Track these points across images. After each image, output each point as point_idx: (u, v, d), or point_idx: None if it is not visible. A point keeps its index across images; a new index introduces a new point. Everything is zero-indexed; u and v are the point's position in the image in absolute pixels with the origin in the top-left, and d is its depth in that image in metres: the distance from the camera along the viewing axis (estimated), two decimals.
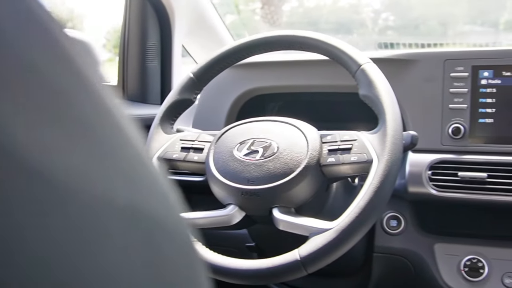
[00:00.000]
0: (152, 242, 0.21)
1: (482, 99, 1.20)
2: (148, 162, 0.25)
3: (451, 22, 9.20)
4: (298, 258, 0.91)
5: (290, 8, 10.16)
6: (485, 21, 9.16)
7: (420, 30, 9.16)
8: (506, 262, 1.20)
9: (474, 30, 8.99)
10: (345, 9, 9.93)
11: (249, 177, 1.00)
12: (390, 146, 0.93)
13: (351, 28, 9.76)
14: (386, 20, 10.07)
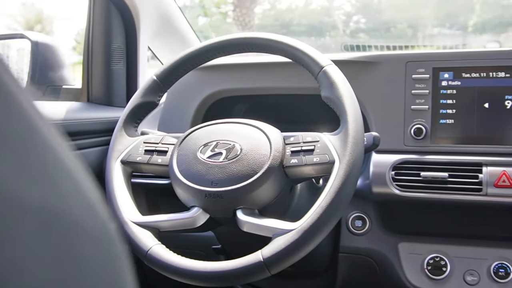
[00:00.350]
0: (68, 242, 0.21)
1: (443, 100, 1.22)
2: (69, 164, 0.25)
3: (421, 25, 9.33)
4: (261, 259, 0.92)
5: (262, 11, 10.18)
6: (453, 24, 9.32)
7: (391, 33, 9.28)
8: (468, 260, 1.23)
9: (443, 32, 9.15)
10: (317, 12, 10.03)
11: (212, 179, 1.00)
12: (351, 147, 0.94)
13: (323, 31, 9.83)
14: (358, 23, 10.12)
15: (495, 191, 1.15)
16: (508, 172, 1.14)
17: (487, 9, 9.04)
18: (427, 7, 9.86)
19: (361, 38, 10.15)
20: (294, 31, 9.24)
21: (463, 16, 9.35)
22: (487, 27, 9.00)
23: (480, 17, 8.99)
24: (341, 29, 8.59)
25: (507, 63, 1.18)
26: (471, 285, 1.21)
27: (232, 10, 7.10)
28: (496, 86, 1.19)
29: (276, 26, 9.57)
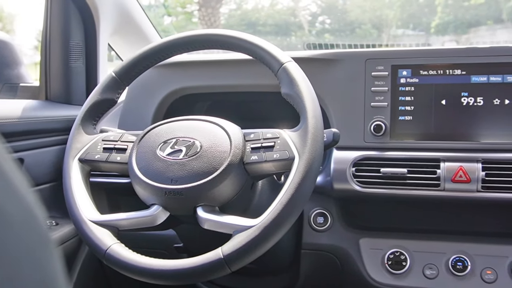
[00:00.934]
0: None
1: (402, 97, 1.24)
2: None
3: (385, 26, 9.48)
4: (221, 256, 0.91)
5: (228, 11, 10.17)
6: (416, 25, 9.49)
7: (356, 33, 9.39)
8: (427, 254, 1.25)
9: (406, 33, 9.33)
10: (283, 12, 10.09)
11: (172, 176, 0.99)
12: (310, 143, 0.94)
13: (289, 31, 9.88)
14: (323, 24, 10.22)
15: (452, 186, 1.17)
16: (464, 168, 1.17)
17: (449, 10, 9.23)
18: (391, 9, 10.03)
19: (326, 39, 10.26)
20: (260, 31, 9.26)
21: (426, 17, 9.54)
22: (449, 28, 9.20)
23: (442, 19, 9.18)
24: (306, 29, 8.65)
25: (463, 60, 1.21)
26: (430, 278, 1.23)
27: (197, 9, 7.06)
28: (452, 83, 1.21)
29: (243, 26, 9.57)
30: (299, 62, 1.15)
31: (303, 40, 8.91)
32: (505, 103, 1.18)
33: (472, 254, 1.22)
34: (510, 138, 1.18)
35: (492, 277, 1.20)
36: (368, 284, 1.25)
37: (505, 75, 1.19)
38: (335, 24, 9.39)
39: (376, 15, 9.02)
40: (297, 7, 9.23)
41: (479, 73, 1.20)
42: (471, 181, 1.16)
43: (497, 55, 1.20)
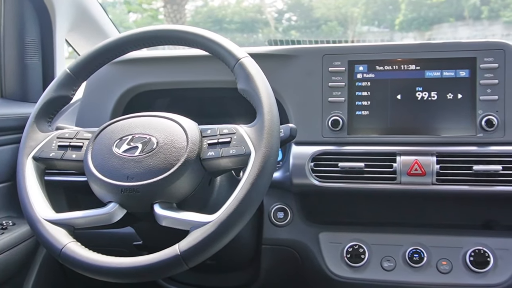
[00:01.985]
0: None
1: (358, 92, 1.25)
2: None
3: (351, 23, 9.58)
4: (178, 253, 0.91)
5: (194, 8, 10.12)
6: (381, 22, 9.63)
7: (322, 30, 9.47)
8: (385, 246, 1.27)
9: (371, 30, 9.45)
10: (249, 9, 10.09)
11: (128, 173, 0.98)
12: (266, 138, 0.95)
13: (255, 28, 9.91)
14: (289, 20, 10.29)
15: (408, 179, 1.19)
16: (419, 161, 1.19)
17: (412, 8, 9.38)
18: (356, 6, 10.14)
19: (293, 35, 10.32)
20: (226, 28, 9.25)
21: (390, 14, 9.69)
22: (412, 25, 9.35)
23: (406, 16, 9.33)
24: (272, 26, 8.68)
25: (417, 56, 1.23)
26: (387, 271, 1.25)
27: (163, 6, 7.01)
28: (407, 78, 1.23)
29: (209, 23, 9.55)
30: (257, 58, 1.15)
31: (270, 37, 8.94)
32: (458, 97, 1.21)
33: (428, 246, 1.25)
34: (463, 132, 1.20)
35: (448, 267, 1.22)
36: (328, 278, 1.27)
37: (458, 70, 1.21)
38: (301, 21, 9.46)
39: (342, 12, 9.12)
40: (263, 4, 9.25)
41: (433, 68, 1.22)
42: (426, 174, 1.19)
43: (450, 51, 1.22)
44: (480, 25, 9.33)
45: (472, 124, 1.20)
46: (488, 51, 1.20)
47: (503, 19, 8.96)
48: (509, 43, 1.20)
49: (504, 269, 1.20)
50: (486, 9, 9.26)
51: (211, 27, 9.18)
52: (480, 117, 1.19)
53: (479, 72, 1.20)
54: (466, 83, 1.21)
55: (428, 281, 1.23)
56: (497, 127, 1.18)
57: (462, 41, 1.23)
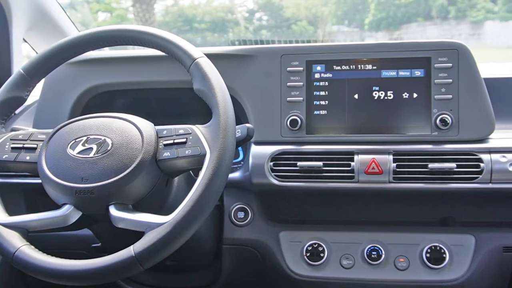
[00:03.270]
0: None
1: (316, 92, 1.26)
2: None
3: (321, 22, 9.68)
4: (132, 254, 0.90)
5: (165, 7, 10.07)
6: (351, 22, 9.73)
7: (293, 30, 9.53)
8: (344, 245, 1.28)
9: (341, 30, 9.54)
10: (220, 9, 10.09)
11: (83, 175, 0.97)
12: (221, 138, 0.95)
13: (226, 27, 9.92)
14: (260, 20, 10.32)
15: (366, 178, 1.21)
16: (377, 160, 1.20)
17: (382, 8, 9.52)
18: (326, 6, 10.23)
19: (263, 35, 10.35)
20: (197, 28, 9.23)
21: (360, 14, 9.80)
22: (381, 24, 9.49)
23: (375, 16, 9.46)
24: (242, 26, 8.68)
25: (373, 56, 1.25)
26: (346, 268, 1.26)
27: (132, 5, 6.95)
28: (364, 78, 1.25)
29: (179, 23, 9.51)
30: (215, 58, 1.15)
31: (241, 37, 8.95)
32: (414, 96, 1.23)
33: (386, 243, 1.26)
34: (419, 130, 1.22)
35: (405, 264, 1.24)
36: (288, 277, 1.27)
37: (413, 70, 1.23)
38: (272, 20, 9.49)
39: (312, 12, 9.18)
40: (233, 4, 9.24)
41: (389, 68, 1.24)
42: (383, 172, 1.20)
43: (405, 51, 1.24)
44: (447, 24, 9.52)
45: (427, 123, 1.22)
46: (442, 51, 1.22)
47: (469, 18, 9.15)
48: (463, 44, 1.23)
49: (459, 265, 1.23)
50: (453, 9, 9.45)
51: (181, 26, 9.15)
52: (435, 116, 1.21)
53: (433, 72, 1.22)
54: (421, 83, 1.23)
55: (386, 278, 1.24)
56: (451, 125, 1.20)
57: (417, 41, 1.25)
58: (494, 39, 8.73)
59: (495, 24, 9.10)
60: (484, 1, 9.42)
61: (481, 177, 1.18)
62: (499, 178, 1.18)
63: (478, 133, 1.21)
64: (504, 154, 1.18)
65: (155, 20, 6.70)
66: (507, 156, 1.18)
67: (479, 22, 9.19)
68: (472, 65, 1.22)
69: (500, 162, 1.18)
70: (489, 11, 9.37)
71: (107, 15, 9.15)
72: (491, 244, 1.24)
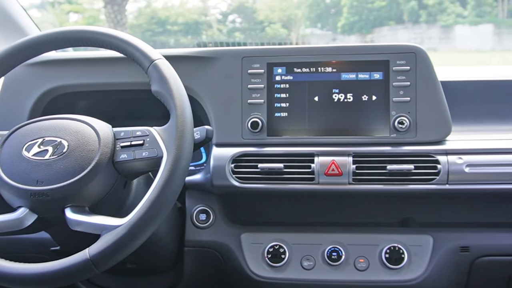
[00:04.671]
0: None
1: (277, 94, 1.27)
2: None
3: (294, 25, 9.75)
4: (87, 257, 0.90)
5: (137, 8, 10.01)
6: (324, 25, 9.85)
7: (266, 32, 9.58)
8: (305, 246, 1.29)
9: (315, 32, 9.65)
10: (194, 11, 10.07)
11: (37, 177, 0.96)
12: (178, 140, 0.95)
13: (199, 30, 9.90)
14: (234, 22, 10.36)
15: (326, 179, 1.22)
16: (336, 161, 1.21)
17: (354, 11, 9.61)
18: (299, 8, 10.29)
19: (237, 37, 10.37)
20: (170, 30, 9.20)
21: (333, 17, 9.89)
22: (354, 28, 9.58)
23: (348, 19, 9.55)
24: (215, 28, 8.68)
25: (333, 58, 1.26)
26: (307, 269, 1.27)
27: (103, 6, 6.89)
28: (324, 80, 1.26)
29: (152, 25, 9.46)
30: (177, 60, 1.15)
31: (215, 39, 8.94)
32: (373, 99, 1.24)
33: (346, 244, 1.27)
34: (378, 132, 1.24)
35: (365, 265, 1.26)
36: (250, 278, 1.28)
37: (372, 73, 1.25)
38: (246, 23, 9.51)
39: (285, 14, 9.23)
40: (207, 6, 9.23)
41: (348, 70, 1.25)
42: (343, 174, 1.21)
43: (365, 54, 1.25)
44: (418, 28, 9.66)
45: (386, 125, 1.24)
46: (401, 54, 1.24)
47: (440, 22, 9.30)
48: (420, 47, 1.25)
49: (417, 265, 1.25)
50: (424, 13, 9.59)
51: (155, 28, 9.10)
52: (393, 118, 1.23)
53: (392, 75, 1.24)
54: (380, 85, 1.24)
55: (346, 279, 1.25)
56: (409, 127, 1.22)
57: (376, 44, 1.26)
58: (464, 42, 8.89)
59: (464, 28, 9.27)
60: (454, 5, 9.59)
61: (438, 179, 1.20)
62: (455, 179, 1.20)
63: (435, 135, 1.23)
64: (461, 156, 1.21)
65: (127, 21, 6.65)
66: (463, 158, 1.20)
67: (450, 26, 9.35)
68: (429, 68, 1.24)
69: (457, 163, 1.20)
70: (459, 16, 9.54)
71: (79, 16, 9.05)
72: (448, 244, 1.26)
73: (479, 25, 9.08)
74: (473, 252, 1.26)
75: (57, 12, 7.61)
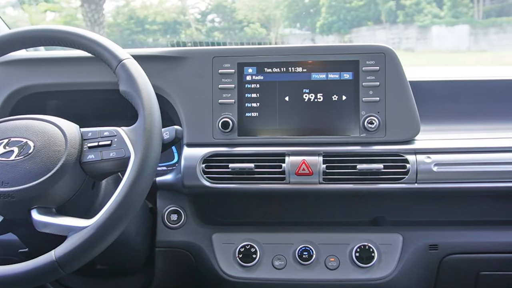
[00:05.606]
0: None
1: (248, 94, 1.27)
2: None
3: (273, 25, 9.74)
4: (53, 259, 0.89)
5: (115, 7, 9.90)
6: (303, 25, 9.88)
7: (245, 32, 9.56)
8: (276, 245, 1.29)
9: (293, 32, 9.65)
10: (172, 10, 10.02)
11: (3, 178, 0.95)
12: (146, 140, 0.95)
13: (178, 29, 9.86)
14: (213, 22, 10.33)
15: (296, 179, 1.22)
16: (307, 161, 1.22)
17: (332, 11, 9.64)
18: (278, 8, 10.30)
19: (216, 37, 10.35)
20: (148, 30, 9.14)
21: (311, 17, 9.90)
22: (332, 28, 9.61)
23: (326, 19, 9.57)
24: (193, 27, 8.65)
25: (303, 58, 1.26)
26: (278, 269, 1.27)
27: (80, 5, 6.80)
28: (295, 80, 1.26)
29: (131, 24, 9.40)
30: (147, 60, 1.14)
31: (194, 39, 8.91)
32: (343, 99, 1.25)
33: (317, 243, 1.28)
34: (348, 132, 1.25)
35: (335, 264, 1.26)
36: (221, 278, 1.28)
37: (342, 73, 1.25)
38: (225, 22, 9.49)
39: (264, 14, 9.23)
40: (185, 5, 9.19)
41: (318, 70, 1.26)
42: (313, 173, 1.22)
43: (335, 54, 1.26)
44: (396, 28, 9.73)
45: (356, 125, 1.25)
46: (370, 54, 1.25)
47: (417, 23, 9.38)
48: (389, 47, 1.26)
49: (387, 263, 1.26)
50: (401, 14, 9.66)
51: (133, 28, 9.04)
52: (363, 118, 1.24)
53: (361, 75, 1.25)
54: (350, 85, 1.25)
55: (317, 278, 1.26)
56: (379, 127, 1.23)
57: (345, 44, 1.27)
58: (440, 43, 8.97)
59: (441, 28, 9.36)
60: (431, 6, 9.68)
61: (407, 178, 1.21)
62: (424, 178, 1.21)
63: (404, 135, 1.24)
64: (429, 155, 1.22)
65: (104, 20, 6.58)
66: (431, 157, 1.22)
67: (426, 27, 9.44)
68: (398, 69, 1.25)
69: (425, 162, 1.21)
70: (436, 16, 9.63)
71: (56, 15, 8.94)
72: (418, 242, 1.27)
73: (455, 25, 9.18)
74: (442, 250, 1.27)
75: (34, 10, 7.51)
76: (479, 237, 1.29)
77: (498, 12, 9.39)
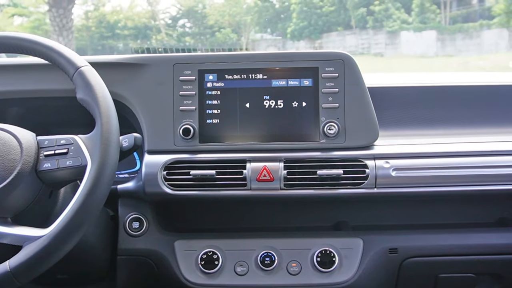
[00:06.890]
0: None
1: (209, 101, 1.27)
2: None
3: (244, 30, 9.79)
4: (7, 269, 0.88)
5: (84, 12, 9.78)
6: (274, 30, 9.96)
7: (216, 37, 9.57)
8: (238, 252, 1.29)
9: (264, 37, 9.72)
10: (143, 15, 9.93)
11: None
12: (103, 148, 0.94)
13: (149, 34, 9.82)
14: (184, 27, 10.30)
15: (258, 185, 1.23)
16: (268, 167, 1.22)
17: (303, 17, 9.73)
18: (249, 14, 10.35)
19: (187, 42, 10.33)
20: (119, 34, 9.08)
21: (282, 23, 9.99)
22: (303, 33, 9.70)
23: (297, 25, 9.66)
24: (163, 32, 8.62)
25: (263, 65, 1.27)
26: (240, 275, 1.27)
27: (47, 10, 6.72)
28: (255, 87, 1.27)
29: (101, 28, 9.32)
30: (106, 67, 1.13)
31: (165, 44, 8.88)
32: (303, 105, 1.26)
33: (279, 249, 1.29)
34: (308, 138, 1.25)
35: (297, 269, 1.27)
36: (184, 286, 1.27)
37: (302, 79, 1.26)
38: (196, 28, 9.49)
39: (235, 19, 9.26)
40: (155, 10, 9.15)
41: (278, 77, 1.26)
42: (274, 179, 1.22)
43: (294, 60, 1.27)
44: (366, 34, 9.86)
45: (316, 131, 1.26)
46: (329, 61, 1.26)
47: (386, 29, 9.52)
48: (348, 54, 1.27)
49: (348, 268, 1.27)
50: (371, 19, 9.80)
51: (104, 32, 8.97)
52: (323, 124, 1.25)
53: (321, 81, 1.26)
54: (309, 92, 1.26)
55: (279, 283, 1.26)
56: (338, 133, 1.24)
57: (305, 51, 1.28)
58: (409, 48, 9.13)
59: (409, 34, 9.53)
60: (399, 12, 9.84)
61: (366, 183, 1.22)
62: (383, 183, 1.23)
63: (363, 140, 1.26)
64: (388, 160, 1.24)
65: (73, 25, 6.51)
66: (390, 162, 1.24)
67: (395, 32, 9.60)
68: (357, 75, 1.26)
69: (384, 167, 1.23)
70: (404, 22, 9.80)
71: (24, 19, 8.82)
72: (378, 246, 1.29)
73: (423, 31, 9.35)
74: (401, 254, 1.29)
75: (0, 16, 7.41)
76: (438, 240, 1.31)
77: (464, 18, 9.59)
